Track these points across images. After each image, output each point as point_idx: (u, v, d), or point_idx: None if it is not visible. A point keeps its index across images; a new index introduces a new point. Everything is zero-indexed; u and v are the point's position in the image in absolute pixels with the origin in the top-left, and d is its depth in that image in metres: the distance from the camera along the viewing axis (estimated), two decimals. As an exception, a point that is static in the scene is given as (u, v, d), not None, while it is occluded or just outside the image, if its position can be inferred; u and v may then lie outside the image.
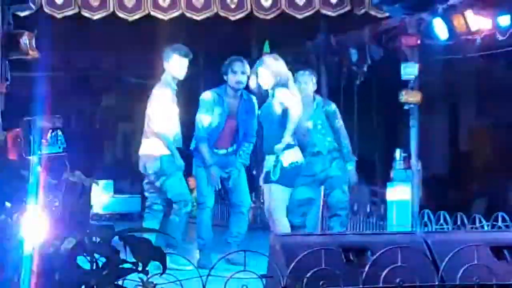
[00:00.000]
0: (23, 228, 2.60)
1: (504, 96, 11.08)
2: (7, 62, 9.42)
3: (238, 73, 9.36)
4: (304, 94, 9.22)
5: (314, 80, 9.92)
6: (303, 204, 9.44)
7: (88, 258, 2.57)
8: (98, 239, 2.56)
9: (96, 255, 2.61)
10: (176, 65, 9.27)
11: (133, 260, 2.64)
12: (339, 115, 9.88)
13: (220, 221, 11.60)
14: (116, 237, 2.74)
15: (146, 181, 9.35)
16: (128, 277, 3.07)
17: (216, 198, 9.75)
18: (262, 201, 14.13)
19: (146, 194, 9.43)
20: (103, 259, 2.58)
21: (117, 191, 14.37)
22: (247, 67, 9.41)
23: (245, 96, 9.54)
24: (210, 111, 9.39)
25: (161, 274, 3.06)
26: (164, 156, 9.08)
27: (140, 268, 2.62)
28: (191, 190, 9.72)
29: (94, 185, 2.88)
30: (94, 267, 2.56)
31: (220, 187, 9.41)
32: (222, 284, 4.65)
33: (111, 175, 14.39)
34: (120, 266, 2.57)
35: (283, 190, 8.51)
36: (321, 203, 9.86)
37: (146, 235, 2.99)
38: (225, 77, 9.42)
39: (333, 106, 9.90)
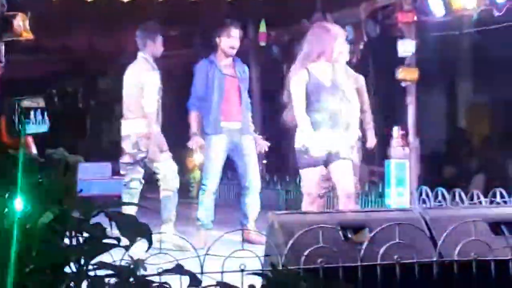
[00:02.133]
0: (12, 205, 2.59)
1: (501, 72, 11.06)
2: (1, 44, 9.41)
3: (234, 37, 9.27)
4: None
5: None
6: None
7: (68, 233, 2.57)
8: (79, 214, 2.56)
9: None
10: (152, 43, 9.17)
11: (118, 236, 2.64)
12: None
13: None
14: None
15: (125, 160, 9.22)
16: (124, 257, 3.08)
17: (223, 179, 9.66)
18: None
19: (123, 172, 9.26)
20: (85, 235, 2.58)
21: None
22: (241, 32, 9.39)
23: (237, 61, 9.42)
24: (204, 78, 9.22)
25: (146, 250, 3.05)
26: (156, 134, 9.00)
27: (126, 245, 2.61)
28: (190, 170, 9.71)
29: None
30: (75, 243, 2.56)
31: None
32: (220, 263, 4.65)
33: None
34: (102, 241, 2.56)
35: None
36: None
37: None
38: (217, 40, 9.26)
39: None
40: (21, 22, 9.28)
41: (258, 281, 2.93)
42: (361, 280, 4.88)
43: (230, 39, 9.20)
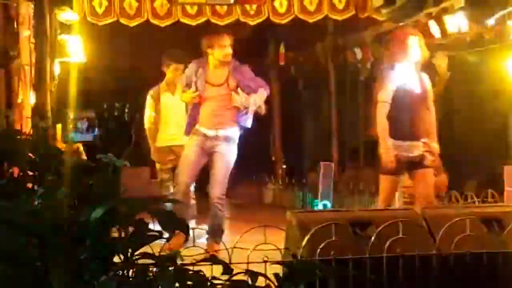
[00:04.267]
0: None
1: (491, 86, 11.03)
2: (57, 63, 9.53)
3: (226, 47, 8.17)
4: None
5: None
6: None
7: (116, 228, 2.62)
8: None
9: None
10: (172, 70, 9.26)
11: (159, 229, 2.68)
12: None
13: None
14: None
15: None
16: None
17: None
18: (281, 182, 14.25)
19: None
20: (131, 229, 2.63)
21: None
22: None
23: (235, 65, 8.31)
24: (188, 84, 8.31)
25: (184, 242, 3.08)
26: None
27: (166, 237, 2.66)
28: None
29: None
30: (122, 236, 2.61)
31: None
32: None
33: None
34: (146, 234, 2.61)
35: None
36: None
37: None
38: (208, 51, 8.19)
39: None
40: (74, 45, 9.40)
41: (279, 271, 2.95)
42: (368, 271, 4.89)
43: (224, 49, 8.18)
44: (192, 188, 8.63)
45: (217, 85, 8.20)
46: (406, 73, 7.22)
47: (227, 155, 8.15)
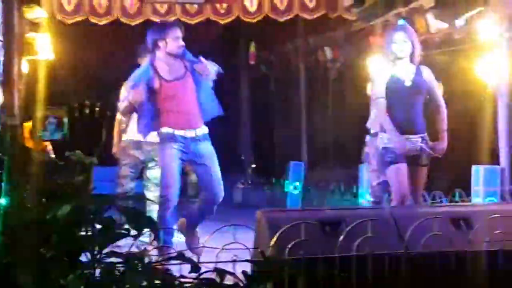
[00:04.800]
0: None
1: (460, 86, 11.08)
2: (24, 62, 9.46)
3: (179, 38, 7.25)
4: None
5: None
6: None
7: (83, 225, 2.61)
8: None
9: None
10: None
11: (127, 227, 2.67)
12: None
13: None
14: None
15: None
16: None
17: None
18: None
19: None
20: (98, 227, 2.61)
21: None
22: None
23: (189, 57, 7.37)
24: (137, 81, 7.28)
25: (152, 241, 3.07)
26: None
27: (134, 235, 2.65)
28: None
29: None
30: (89, 233, 2.59)
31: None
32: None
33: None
34: (115, 231, 2.59)
35: None
36: None
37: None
38: (160, 44, 7.21)
39: None
40: (42, 43, 9.33)
41: (248, 270, 2.95)
42: (337, 270, 4.90)
43: (177, 41, 7.25)
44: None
45: (175, 79, 7.31)
46: (395, 68, 7.19)
47: (214, 154, 7.38)
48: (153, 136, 7.76)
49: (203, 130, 7.32)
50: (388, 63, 7.22)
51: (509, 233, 5.25)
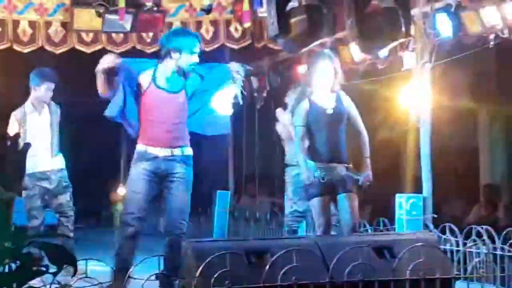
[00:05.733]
0: None
1: (386, 116, 11.27)
2: None
3: (195, 54, 6.93)
4: None
5: None
6: None
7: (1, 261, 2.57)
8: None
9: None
10: (43, 89, 8.58)
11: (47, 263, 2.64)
12: None
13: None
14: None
15: None
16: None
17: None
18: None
19: None
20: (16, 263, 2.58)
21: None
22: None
23: (199, 71, 7.00)
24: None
25: (72, 276, 3.03)
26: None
27: (54, 271, 2.62)
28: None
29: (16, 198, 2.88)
30: (7, 271, 2.56)
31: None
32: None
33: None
34: (33, 269, 2.56)
35: None
36: None
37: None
38: (173, 54, 6.84)
39: None
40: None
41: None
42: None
43: (193, 57, 6.93)
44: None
45: (172, 92, 6.93)
46: (317, 96, 7.22)
47: (188, 181, 6.97)
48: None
49: (186, 151, 6.98)
50: (309, 92, 7.28)
51: (431, 261, 5.35)
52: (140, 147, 6.91)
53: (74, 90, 11.26)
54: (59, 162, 8.74)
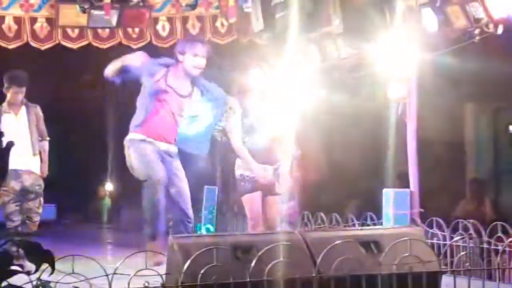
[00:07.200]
0: None
1: (373, 111, 11.26)
2: None
3: (199, 56, 7.49)
4: None
5: None
6: None
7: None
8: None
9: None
10: (11, 92, 8.80)
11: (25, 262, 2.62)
12: None
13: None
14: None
15: None
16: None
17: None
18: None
19: None
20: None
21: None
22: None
23: (205, 85, 7.61)
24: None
25: (49, 275, 3.01)
26: None
27: (32, 270, 2.60)
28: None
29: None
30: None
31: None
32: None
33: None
34: (9, 268, 2.54)
35: None
36: None
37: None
38: (179, 57, 7.45)
39: None
40: None
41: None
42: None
43: (197, 59, 7.49)
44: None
45: (181, 95, 7.43)
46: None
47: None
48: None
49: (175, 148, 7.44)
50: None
51: (418, 255, 5.36)
52: (136, 135, 7.32)
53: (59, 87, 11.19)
54: (37, 164, 8.76)
